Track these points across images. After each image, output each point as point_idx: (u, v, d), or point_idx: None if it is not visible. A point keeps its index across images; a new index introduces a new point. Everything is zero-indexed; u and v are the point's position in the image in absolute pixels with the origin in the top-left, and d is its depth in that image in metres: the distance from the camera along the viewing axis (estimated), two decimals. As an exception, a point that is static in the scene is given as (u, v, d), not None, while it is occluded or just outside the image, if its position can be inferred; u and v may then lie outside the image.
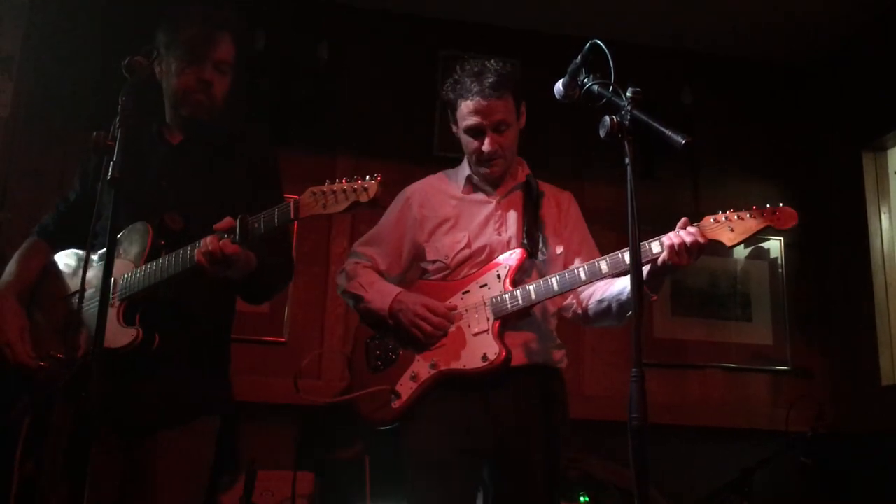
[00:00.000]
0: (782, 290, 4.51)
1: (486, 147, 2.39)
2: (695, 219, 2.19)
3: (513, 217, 2.47)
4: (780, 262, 4.55)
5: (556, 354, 2.45)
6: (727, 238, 2.13)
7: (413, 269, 2.57)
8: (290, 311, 3.99)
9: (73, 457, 1.71)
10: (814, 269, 4.55)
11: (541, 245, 2.44)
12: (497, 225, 2.46)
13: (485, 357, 2.27)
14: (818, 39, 4.50)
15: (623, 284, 2.32)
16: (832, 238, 4.50)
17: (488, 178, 2.49)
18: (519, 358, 2.32)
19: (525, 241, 2.40)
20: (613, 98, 1.85)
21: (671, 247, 2.11)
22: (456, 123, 2.48)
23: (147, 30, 2.40)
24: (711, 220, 2.16)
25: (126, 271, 2.13)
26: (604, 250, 2.37)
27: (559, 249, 2.48)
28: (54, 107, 3.88)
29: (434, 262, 2.45)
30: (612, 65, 1.86)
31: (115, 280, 2.11)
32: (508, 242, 2.43)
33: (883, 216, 4.32)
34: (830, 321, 4.45)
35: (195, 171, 2.29)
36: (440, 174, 2.63)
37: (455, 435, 2.27)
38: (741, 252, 4.53)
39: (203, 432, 2.22)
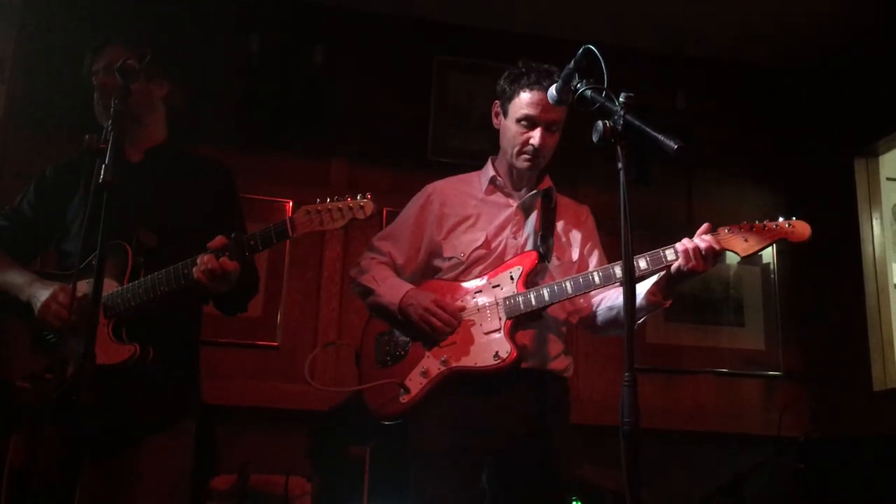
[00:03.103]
0: (775, 295, 4.52)
1: (535, 141, 2.41)
2: (690, 226, 2.24)
3: (530, 222, 2.50)
4: (772, 267, 4.56)
5: (563, 362, 2.47)
6: (741, 248, 2.24)
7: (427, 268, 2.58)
8: (283, 315, 3.98)
9: (64, 472, 1.72)
10: (806, 275, 4.56)
11: (555, 252, 2.47)
12: (514, 228, 2.48)
13: (497, 355, 2.28)
14: (810, 46, 4.53)
15: (636, 292, 2.32)
16: (824, 244, 4.50)
17: (521, 173, 2.51)
18: (527, 361, 2.34)
19: (539, 245, 2.44)
20: (606, 103, 1.85)
21: (685, 251, 2.18)
22: (504, 113, 2.49)
23: (142, 32, 2.40)
24: (726, 231, 2.23)
25: (109, 289, 2.15)
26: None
27: (574, 258, 2.52)
28: (46, 109, 3.87)
29: (450, 258, 2.47)
30: (605, 69, 1.86)
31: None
32: (523, 246, 2.46)
33: (875, 222, 4.34)
34: (822, 327, 4.46)
35: (158, 188, 2.32)
36: (462, 175, 2.64)
37: (459, 435, 2.29)
38: (734, 258, 4.52)
39: (182, 437, 2.28)
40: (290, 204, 4.04)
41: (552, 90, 2.09)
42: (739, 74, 4.76)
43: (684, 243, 2.19)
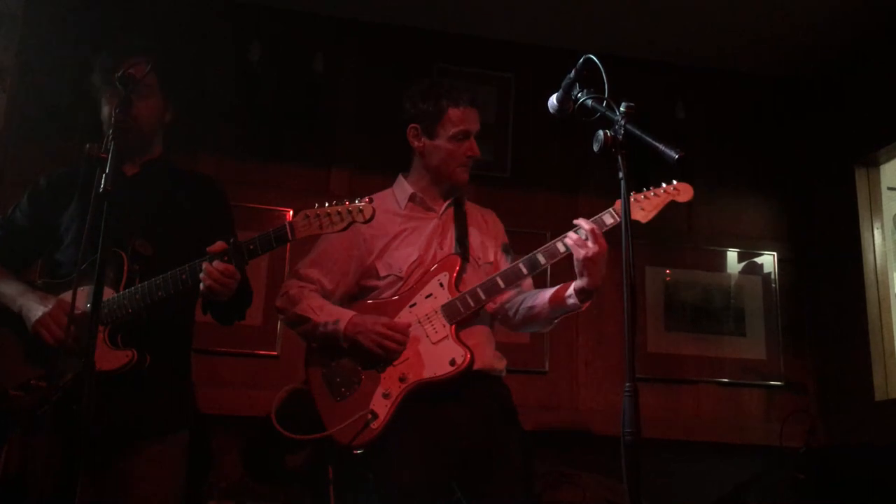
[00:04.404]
0: (776, 304, 4.51)
1: (475, 151, 2.56)
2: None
3: (450, 231, 2.60)
4: (773, 276, 4.56)
5: (502, 362, 2.55)
6: (641, 216, 2.43)
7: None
8: (282, 324, 3.97)
9: (61, 481, 1.72)
10: (807, 284, 4.56)
11: (474, 253, 2.58)
12: (440, 239, 2.57)
13: (453, 361, 2.35)
14: (811, 55, 4.53)
15: (548, 295, 2.50)
16: (825, 253, 4.51)
17: (449, 187, 2.62)
18: (476, 363, 2.39)
19: (457, 249, 2.53)
20: (607, 112, 1.85)
21: (577, 240, 2.31)
22: (430, 134, 2.57)
23: (141, 42, 2.41)
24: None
25: (106, 296, 2.14)
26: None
27: (491, 259, 2.63)
28: (47, 119, 3.87)
29: (386, 276, 2.52)
30: (605, 79, 1.87)
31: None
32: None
33: (875, 231, 4.34)
34: (824, 336, 4.46)
35: (154, 200, 2.34)
36: (381, 193, 2.69)
37: (426, 462, 2.30)
38: (735, 267, 4.54)
39: (175, 445, 2.29)
40: (291, 213, 4.02)
41: (552, 100, 2.09)
42: (739, 84, 4.76)
43: (571, 235, 2.34)
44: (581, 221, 2.35)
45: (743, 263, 4.55)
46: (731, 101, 4.74)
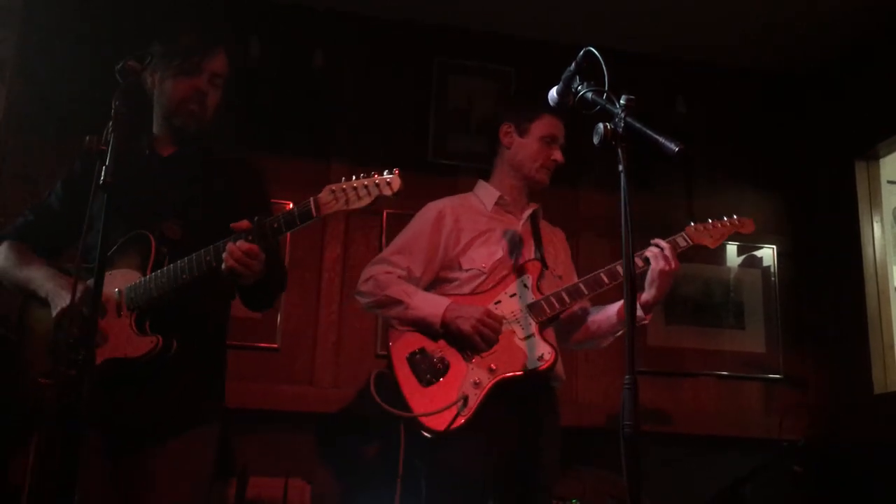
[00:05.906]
0: (775, 298, 4.51)
1: (559, 156, 2.69)
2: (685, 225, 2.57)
3: (530, 239, 2.69)
4: (773, 270, 4.56)
5: (563, 376, 2.63)
6: (709, 241, 2.60)
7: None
8: (282, 317, 3.97)
9: (64, 468, 1.71)
10: (806, 278, 4.56)
11: (552, 265, 2.68)
12: (521, 245, 2.65)
13: (541, 357, 2.41)
14: (812, 50, 4.52)
15: (614, 310, 2.61)
16: (825, 247, 4.51)
17: (526, 191, 2.74)
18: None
19: (538, 255, 2.62)
20: (607, 105, 1.85)
21: (658, 253, 2.44)
22: (522, 132, 2.70)
23: (140, 35, 2.40)
24: (693, 229, 2.60)
25: (132, 280, 2.12)
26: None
27: (559, 273, 2.72)
28: (47, 111, 3.86)
29: (469, 269, 2.58)
30: (605, 72, 1.87)
31: (120, 290, 2.12)
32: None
33: (875, 225, 4.34)
34: (823, 329, 4.46)
35: (187, 183, 2.29)
36: (462, 195, 2.81)
37: (492, 446, 2.38)
38: (734, 260, 4.54)
39: (205, 439, 2.22)
40: (290, 206, 4.01)
41: (552, 92, 2.10)
42: (740, 78, 4.75)
43: (653, 251, 2.46)
44: (659, 241, 2.47)
45: (743, 257, 4.55)
46: (732, 96, 4.73)
